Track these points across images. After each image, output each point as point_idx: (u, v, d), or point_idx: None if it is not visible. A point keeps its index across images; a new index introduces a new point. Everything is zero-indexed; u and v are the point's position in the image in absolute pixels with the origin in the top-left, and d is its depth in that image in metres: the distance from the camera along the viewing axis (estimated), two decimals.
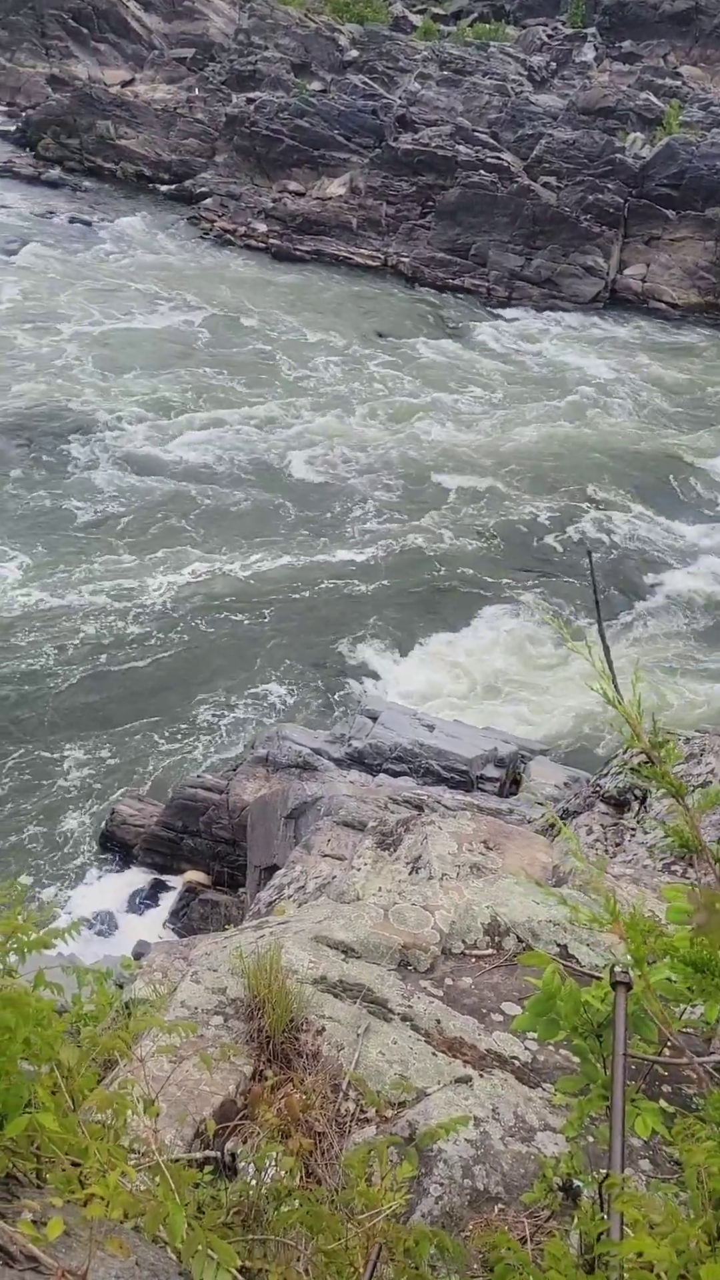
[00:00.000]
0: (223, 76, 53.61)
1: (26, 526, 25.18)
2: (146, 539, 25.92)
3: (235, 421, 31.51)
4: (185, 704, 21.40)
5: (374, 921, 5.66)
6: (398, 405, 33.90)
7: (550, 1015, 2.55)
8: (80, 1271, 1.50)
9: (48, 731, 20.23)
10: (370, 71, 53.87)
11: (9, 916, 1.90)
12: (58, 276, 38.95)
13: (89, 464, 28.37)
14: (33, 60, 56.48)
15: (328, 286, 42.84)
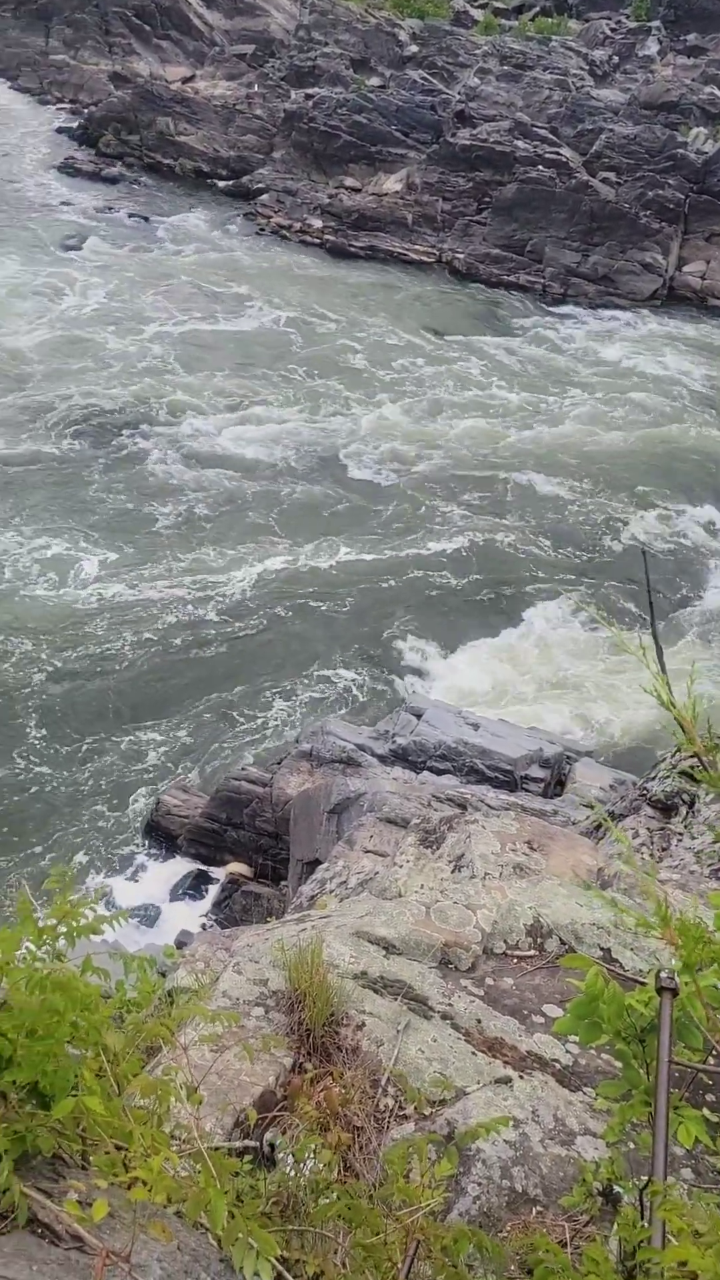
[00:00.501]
0: (282, 73, 53.77)
1: (105, 522, 25.60)
2: (205, 536, 26.14)
3: (293, 418, 31.63)
4: (234, 698, 21.55)
5: (415, 919, 5.65)
6: (451, 402, 33.78)
7: (593, 1018, 2.53)
8: (124, 1253, 1.52)
9: (105, 721, 20.54)
10: (430, 67, 53.67)
11: (60, 901, 1.93)
12: (121, 273, 39.37)
13: (159, 460, 28.68)
14: (96, 58, 57.14)
15: (383, 283, 42.79)
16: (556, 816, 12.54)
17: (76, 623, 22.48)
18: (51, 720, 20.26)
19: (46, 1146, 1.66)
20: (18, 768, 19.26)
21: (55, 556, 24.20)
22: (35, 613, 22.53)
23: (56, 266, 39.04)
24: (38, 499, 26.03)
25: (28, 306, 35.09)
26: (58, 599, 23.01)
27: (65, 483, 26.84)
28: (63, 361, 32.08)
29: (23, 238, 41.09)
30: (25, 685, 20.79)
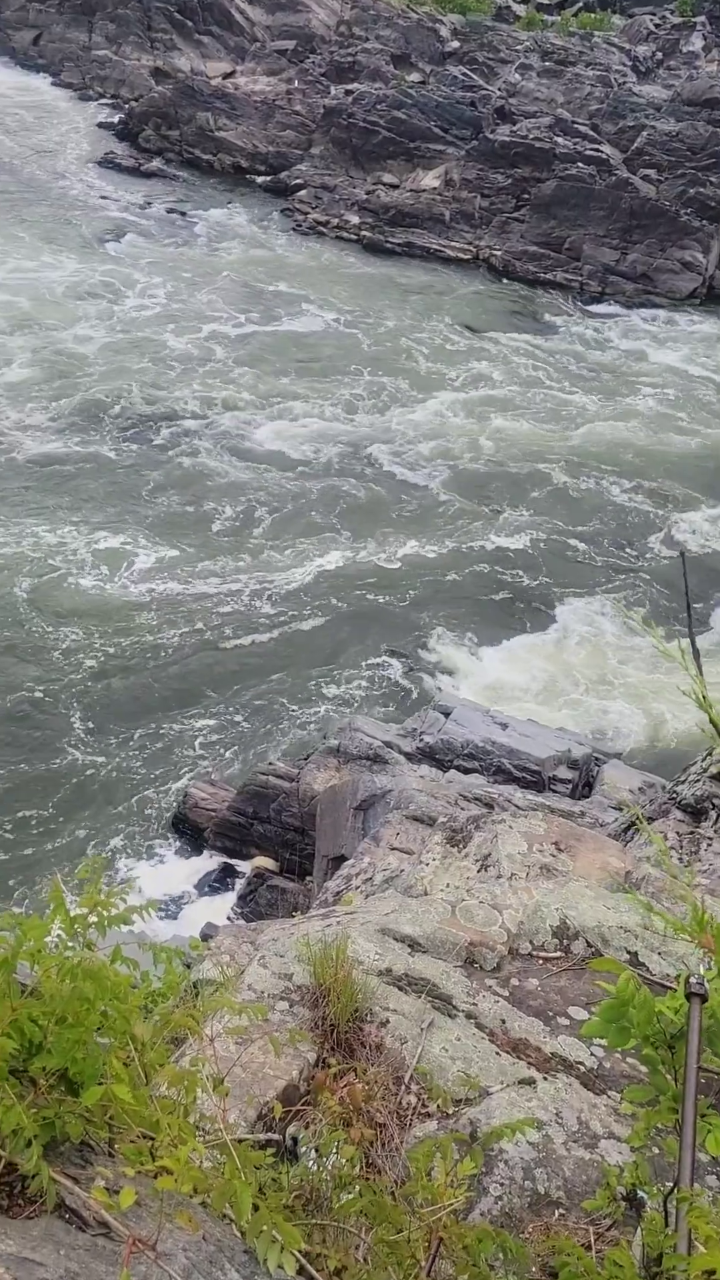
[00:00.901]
0: (322, 68, 53.75)
1: (159, 518, 25.91)
2: (245, 534, 26.25)
3: (331, 416, 31.66)
4: (264, 693, 21.63)
5: (441, 917, 5.64)
6: (488, 401, 33.65)
7: (622, 1023, 2.51)
8: (150, 1241, 1.53)
9: (144, 711, 20.73)
10: (470, 62, 53.42)
11: (91, 890, 1.95)
12: (176, 272, 39.53)
13: (209, 456, 28.84)
14: (138, 53, 57.43)
15: (419, 279, 42.70)
16: (584, 818, 12.46)
17: (125, 614, 22.76)
18: (93, 708, 20.51)
19: (75, 1133, 1.68)
20: (57, 754, 19.51)
21: (109, 550, 24.47)
22: (87, 604, 22.86)
23: (109, 264, 39.31)
24: (95, 495, 26.34)
25: (89, 308, 35.32)
26: (109, 591, 23.31)
27: (122, 480, 27.13)
28: (122, 361, 32.35)
29: (68, 234, 41.42)
30: (72, 673, 21.08)
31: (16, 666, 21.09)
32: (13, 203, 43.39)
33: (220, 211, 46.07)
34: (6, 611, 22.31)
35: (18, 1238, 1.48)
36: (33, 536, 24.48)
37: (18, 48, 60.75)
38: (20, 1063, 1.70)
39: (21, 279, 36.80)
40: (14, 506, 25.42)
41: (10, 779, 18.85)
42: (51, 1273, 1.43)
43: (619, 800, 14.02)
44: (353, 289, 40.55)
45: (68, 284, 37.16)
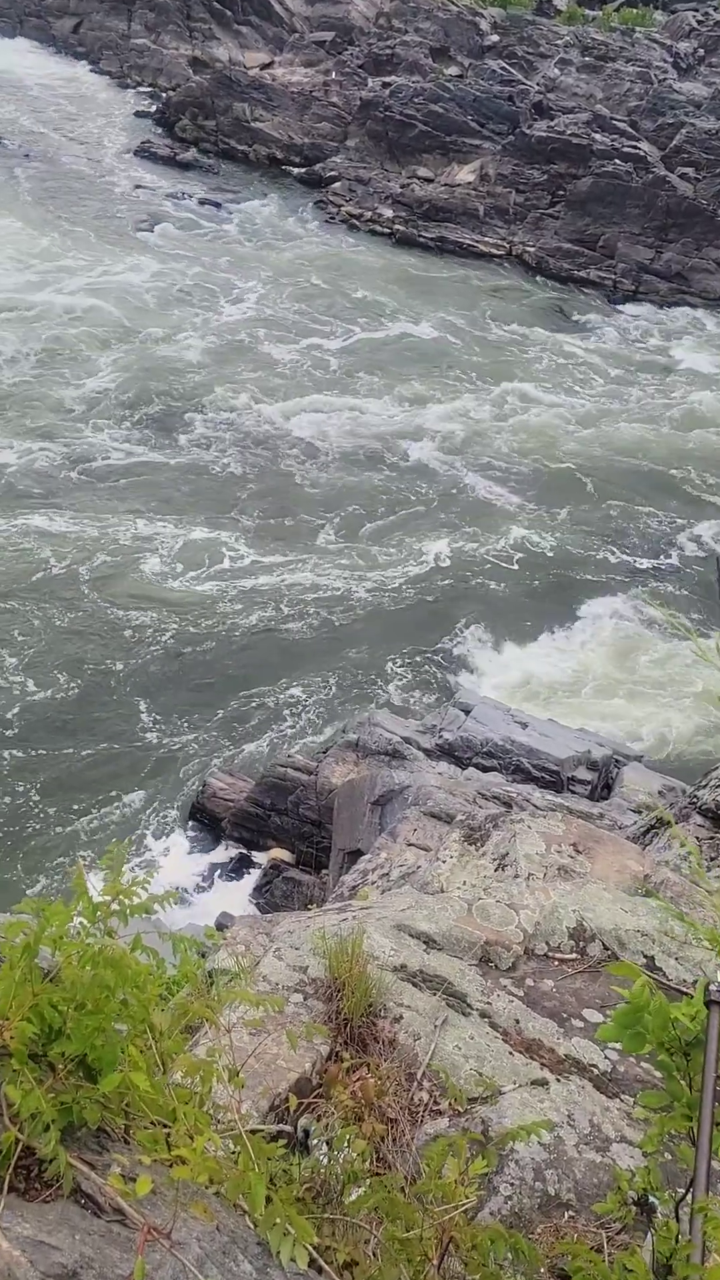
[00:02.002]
0: (360, 60, 53.58)
1: (245, 520, 26.25)
2: (257, 521, 26.32)
3: (355, 411, 31.63)
4: (282, 686, 21.68)
5: (457, 915, 5.64)
6: (517, 398, 33.50)
7: (636, 1028, 2.50)
8: (165, 1229, 1.54)
9: (159, 701, 20.85)
10: (510, 56, 53.07)
11: (114, 879, 1.96)
12: (259, 273, 39.59)
13: (204, 439, 28.95)
14: (176, 42, 57.48)
15: (450, 274, 42.54)
16: (603, 820, 12.41)
17: (203, 606, 23.09)
18: (144, 691, 20.80)
19: (92, 1119, 1.69)
20: (101, 732, 19.77)
21: (194, 543, 24.76)
22: (168, 595, 23.21)
23: (146, 254, 39.43)
24: (190, 496, 26.57)
25: (185, 314, 35.35)
26: (192, 583, 23.70)
27: (214, 482, 27.34)
28: (219, 369, 32.52)
29: (111, 227, 41.52)
30: (138, 655, 21.45)
31: (83, 647, 21.53)
32: (52, 192, 43.60)
33: (254, 203, 46.08)
34: (80, 596, 22.75)
35: (34, 1221, 1.50)
36: (124, 529, 24.83)
37: (58, 35, 60.98)
38: (40, 1047, 1.72)
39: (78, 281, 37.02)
40: (105, 499, 25.77)
41: (51, 752, 19.16)
42: (66, 1257, 1.44)
43: (639, 803, 13.95)
44: (381, 282, 40.45)
45: (158, 289, 37.29)
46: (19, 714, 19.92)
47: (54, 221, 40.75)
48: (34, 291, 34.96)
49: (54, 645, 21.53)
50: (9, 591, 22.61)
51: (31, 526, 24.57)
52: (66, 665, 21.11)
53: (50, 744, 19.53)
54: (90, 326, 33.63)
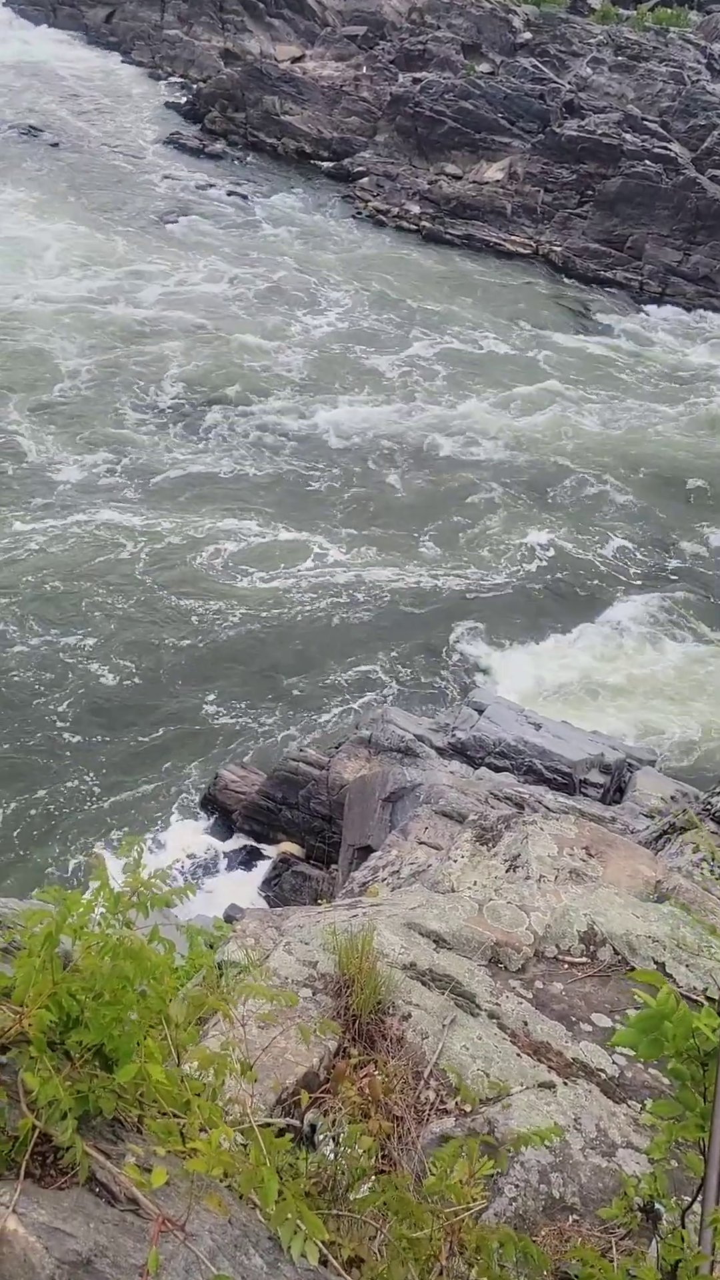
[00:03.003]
0: (391, 55, 53.43)
1: (333, 519, 26.48)
2: (273, 513, 26.34)
3: (373, 407, 31.60)
4: (298, 682, 21.70)
5: (468, 915, 5.64)
6: (536, 398, 33.39)
7: (655, 1035, 2.49)
8: (179, 1221, 1.55)
9: (188, 688, 21.01)
10: (542, 54, 52.81)
11: (134, 872, 1.97)
12: (360, 278, 39.63)
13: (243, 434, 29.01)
14: (209, 34, 57.47)
15: (476, 272, 42.40)
16: (615, 824, 12.37)
17: (279, 600, 23.48)
18: (182, 677, 21.09)
19: (108, 1108, 1.70)
20: (147, 716, 20.17)
21: (274, 543, 25.13)
22: (250, 591, 23.60)
23: (170, 244, 39.48)
24: (280, 502, 26.90)
25: (267, 321, 35.35)
26: (273, 579, 24.14)
27: (301, 488, 27.63)
28: (315, 378, 32.59)
29: (133, 218, 41.60)
30: (197, 643, 21.91)
31: (151, 632, 22.03)
32: (80, 185, 43.71)
33: (281, 196, 46.04)
34: (144, 587, 23.20)
35: (49, 1207, 1.51)
36: (182, 524, 25.18)
37: (90, 25, 61.06)
38: (57, 1035, 1.73)
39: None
40: (165, 499, 26.15)
41: (110, 732, 19.70)
42: (81, 1244, 1.45)
43: (651, 808, 13.90)
44: (408, 279, 40.37)
45: (231, 295, 37.34)
46: (84, 694, 20.24)
47: (87, 216, 40.84)
48: (79, 289, 35.02)
49: (121, 631, 21.80)
50: (87, 580, 22.92)
51: (109, 521, 24.81)
52: (131, 650, 21.39)
53: (112, 722, 19.84)
54: (134, 326, 33.70)
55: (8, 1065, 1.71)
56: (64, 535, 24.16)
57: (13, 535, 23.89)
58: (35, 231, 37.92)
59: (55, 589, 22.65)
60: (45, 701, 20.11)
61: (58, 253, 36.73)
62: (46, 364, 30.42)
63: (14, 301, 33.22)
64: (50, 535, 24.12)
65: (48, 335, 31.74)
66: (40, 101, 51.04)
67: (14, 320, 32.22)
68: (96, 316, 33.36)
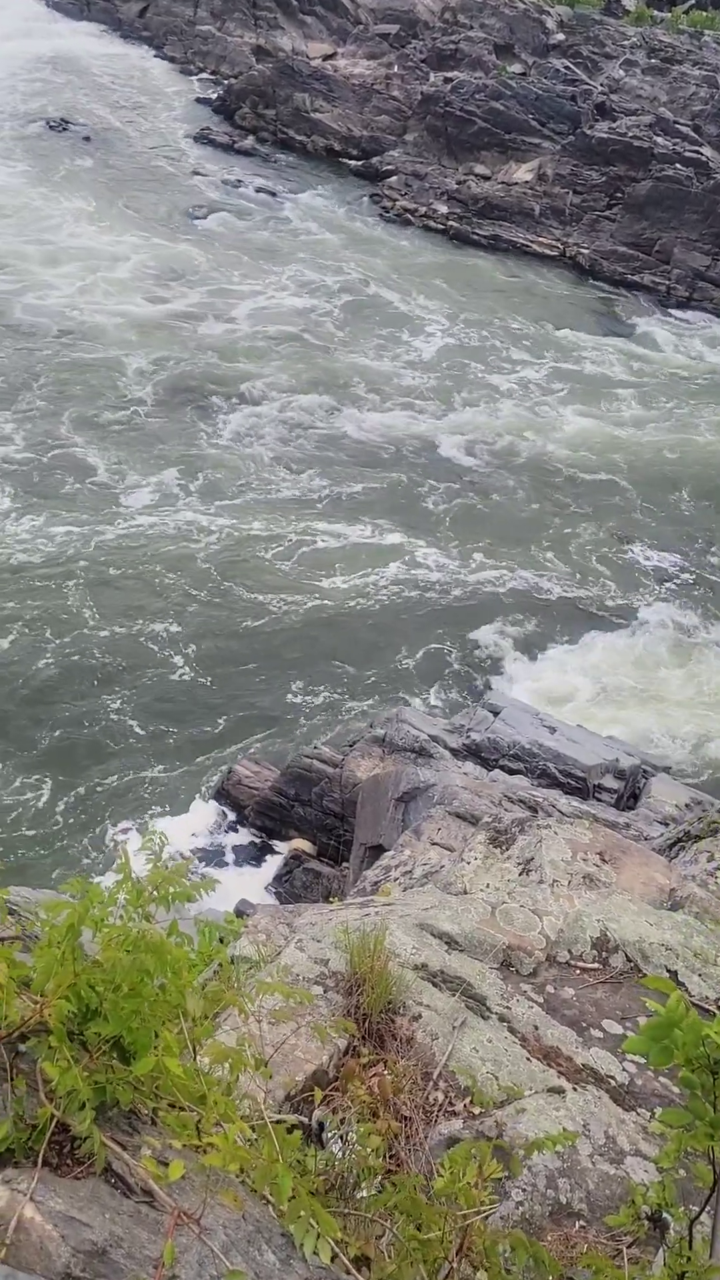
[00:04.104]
0: (423, 54, 53.34)
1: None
2: (297, 511, 26.39)
3: (396, 410, 31.57)
4: (315, 678, 21.74)
5: (480, 917, 5.63)
6: (564, 401, 33.28)
7: (665, 1042, 2.49)
8: (195, 1215, 1.56)
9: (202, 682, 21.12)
10: (574, 56, 52.58)
11: (156, 868, 1.98)
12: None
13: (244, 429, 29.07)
14: (241, 30, 57.53)
15: (502, 272, 42.28)
16: (629, 830, 12.33)
17: (363, 597, 23.90)
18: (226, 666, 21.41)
19: (125, 1100, 1.71)
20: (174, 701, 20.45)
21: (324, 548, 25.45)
22: (351, 592, 23.97)
23: (196, 240, 39.57)
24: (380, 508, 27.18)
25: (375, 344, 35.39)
26: (366, 577, 24.50)
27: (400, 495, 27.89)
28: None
29: (173, 213, 41.70)
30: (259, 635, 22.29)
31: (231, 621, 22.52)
32: (111, 180, 43.86)
33: (309, 194, 46.04)
34: (220, 584, 23.66)
35: (66, 1197, 1.52)
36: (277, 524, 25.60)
37: (124, 19, 61.27)
38: (76, 1026, 1.74)
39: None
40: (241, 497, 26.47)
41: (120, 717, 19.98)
42: (97, 1234, 1.47)
43: (666, 815, 13.85)
44: (434, 279, 40.29)
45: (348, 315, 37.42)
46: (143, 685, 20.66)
47: (119, 210, 40.99)
48: (151, 302, 34.96)
49: (188, 627, 22.23)
50: (162, 575, 23.41)
51: (191, 521, 25.25)
52: (194, 643, 21.81)
53: (172, 712, 20.33)
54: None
55: (26, 1054, 1.72)
56: (146, 534, 24.43)
57: (100, 535, 24.18)
58: (106, 243, 37.62)
59: (124, 582, 23.01)
60: (102, 689, 20.42)
61: (133, 266, 36.46)
62: (122, 374, 30.41)
63: (91, 316, 33.02)
64: (133, 534, 24.41)
65: (122, 347, 31.70)
66: (73, 95, 51.27)
67: (90, 334, 32.08)
68: (163, 326, 33.34)
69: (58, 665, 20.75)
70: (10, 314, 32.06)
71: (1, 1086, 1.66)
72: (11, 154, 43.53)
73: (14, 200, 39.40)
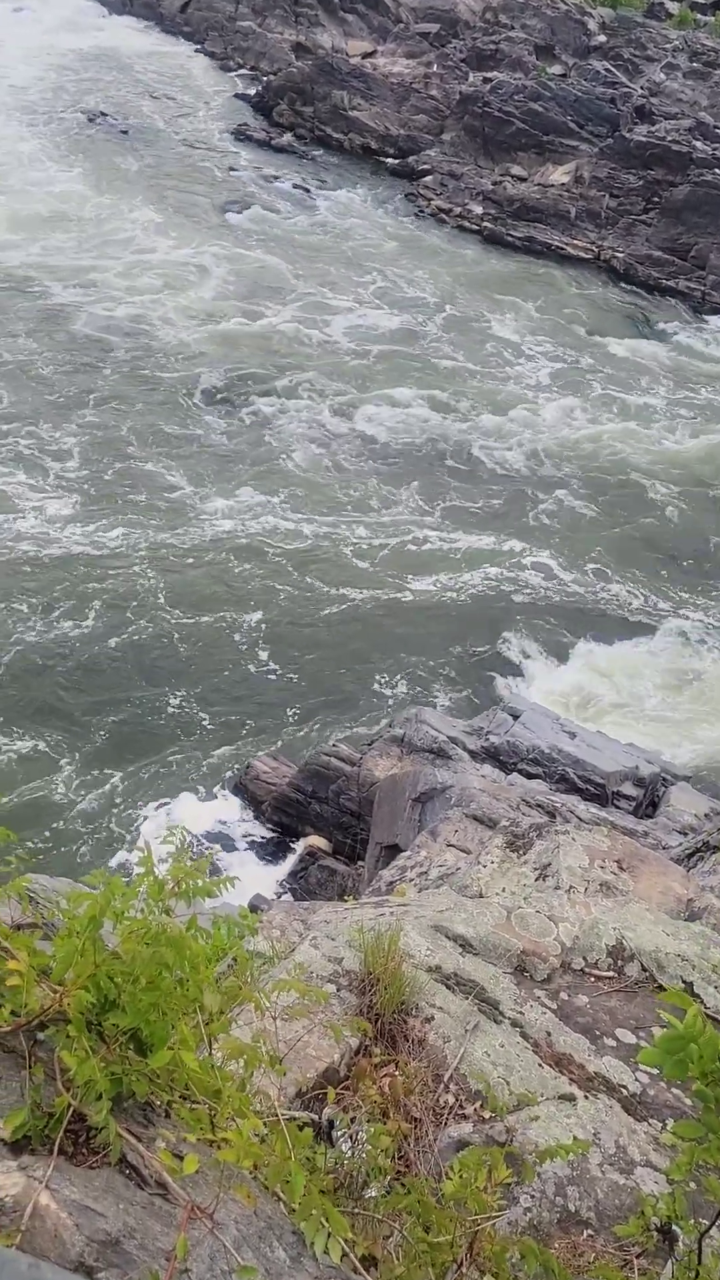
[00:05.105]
0: (463, 54, 53.19)
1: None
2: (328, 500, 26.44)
3: (423, 405, 31.53)
4: (336, 677, 21.76)
5: (495, 921, 5.61)
6: (594, 404, 33.12)
7: (680, 1056, 2.47)
8: (209, 1210, 1.57)
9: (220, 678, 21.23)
10: (615, 58, 52.27)
11: (178, 862, 1.99)
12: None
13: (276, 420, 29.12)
14: (281, 27, 57.58)
15: (535, 274, 42.11)
16: (647, 838, 12.26)
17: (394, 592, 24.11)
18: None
19: (141, 1092, 1.72)
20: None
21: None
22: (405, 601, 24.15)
23: (229, 238, 39.65)
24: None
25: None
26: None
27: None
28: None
29: (207, 208, 41.82)
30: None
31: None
32: (150, 173, 44.03)
33: (345, 192, 46.02)
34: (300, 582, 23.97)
35: (81, 1186, 1.53)
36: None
37: (166, 14, 61.49)
38: (94, 1016, 1.75)
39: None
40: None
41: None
42: (111, 1224, 1.47)
43: (685, 824, 13.75)
44: (468, 281, 40.19)
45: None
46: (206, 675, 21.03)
47: (157, 203, 41.14)
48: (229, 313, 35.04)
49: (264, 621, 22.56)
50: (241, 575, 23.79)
51: (275, 527, 25.54)
52: (264, 638, 22.16)
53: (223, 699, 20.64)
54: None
55: (45, 1042, 1.74)
56: (225, 538, 24.76)
57: (179, 537, 24.54)
58: (188, 254, 37.55)
59: (200, 580, 23.35)
60: (163, 677, 20.85)
61: (217, 281, 36.43)
62: (194, 384, 30.54)
63: (160, 327, 33.04)
64: (212, 538, 24.74)
65: (193, 359, 31.79)
66: (114, 89, 51.53)
67: (162, 345, 32.13)
68: (235, 337, 33.40)
69: (122, 653, 21.17)
70: (84, 325, 32.17)
71: (19, 1074, 1.67)
72: (64, 153, 43.65)
73: (81, 210, 39.24)
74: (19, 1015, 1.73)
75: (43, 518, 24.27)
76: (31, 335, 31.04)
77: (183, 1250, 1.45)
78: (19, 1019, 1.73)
